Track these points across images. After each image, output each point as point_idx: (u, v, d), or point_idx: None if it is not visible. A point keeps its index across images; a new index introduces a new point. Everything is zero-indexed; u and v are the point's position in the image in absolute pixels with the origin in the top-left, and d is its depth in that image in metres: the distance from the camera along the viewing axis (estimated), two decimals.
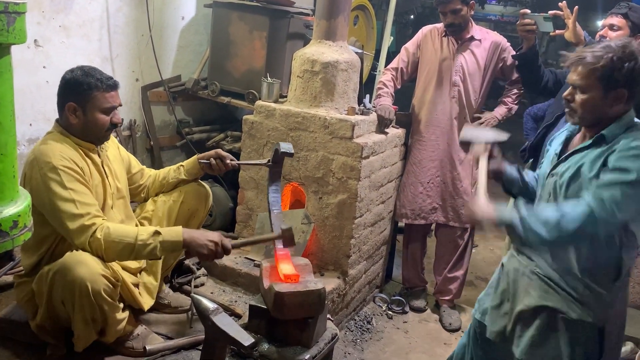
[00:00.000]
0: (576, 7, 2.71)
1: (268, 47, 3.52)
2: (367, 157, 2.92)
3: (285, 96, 3.27)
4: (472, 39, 3.28)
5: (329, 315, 2.30)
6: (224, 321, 1.80)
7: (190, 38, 4.00)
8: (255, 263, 2.98)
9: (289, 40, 3.58)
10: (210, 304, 1.83)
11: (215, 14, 3.69)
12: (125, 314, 2.18)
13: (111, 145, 2.33)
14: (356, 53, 3.19)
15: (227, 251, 2.07)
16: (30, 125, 3.07)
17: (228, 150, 3.69)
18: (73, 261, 1.92)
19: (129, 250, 1.98)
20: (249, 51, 3.59)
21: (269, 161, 2.46)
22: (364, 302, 3.44)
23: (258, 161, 2.63)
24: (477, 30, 3.32)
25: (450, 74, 3.29)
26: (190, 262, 2.94)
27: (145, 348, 2.21)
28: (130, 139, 3.71)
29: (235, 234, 3.27)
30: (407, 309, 3.55)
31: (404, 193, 3.47)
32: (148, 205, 2.52)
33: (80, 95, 2.07)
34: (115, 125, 2.16)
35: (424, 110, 3.40)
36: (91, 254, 1.97)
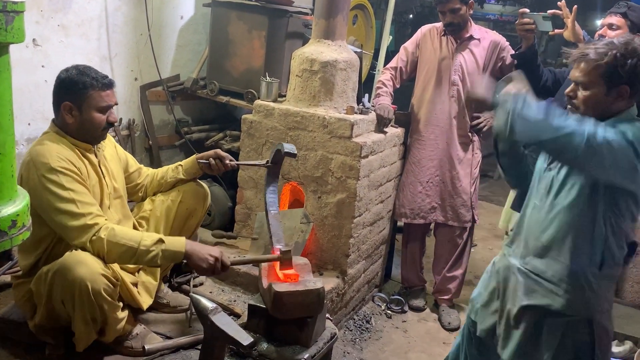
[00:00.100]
0: (575, 7, 2.71)
1: (267, 47, 3.51)
2: (366, 157, 2.91)
3: (284, 95, 3.26)
4: (471, 38, 3.28)
5: (328, 315, 2.30)
6: (223, 320, 1.79)
7: (189, 37, 3.99)
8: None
9: (288, 40, 3.58)
10: (209, 304, 1.82)
11: (214, 13, 3.69)
12: (125, 313, 2.17)
13: (108, 144, 2.33)
14: (355, 52, 3.19)
15: (226, 268, 2.09)
16: (28, 124, 3.07)
17: (227, 149, 3.68)
18: (73, 261, 1.91)
19: (131, 254, 1.98)
20: (247, 50, 3.59)
21: (267, 162, 2.46)
22: (363, 302, 3.44)
23: (257, 162, 2.64)
24: (476, 30, 3.32)
25: (449, 73, 3.29)
26: (188, 268, 2.93)
27: (144, 347, 2.21)
28: (129, 139, 3.70)
29: (234, 233, 3.27)
30: (406, 308, 3.55)
31: (403, 192, 3.47)
32: (146, 205, 2.52)
33: (76, 95, 2.06)
34: (111, 124, 2.16)
35: (423, 110, 3.40)
36: (91, 254, 1.96)
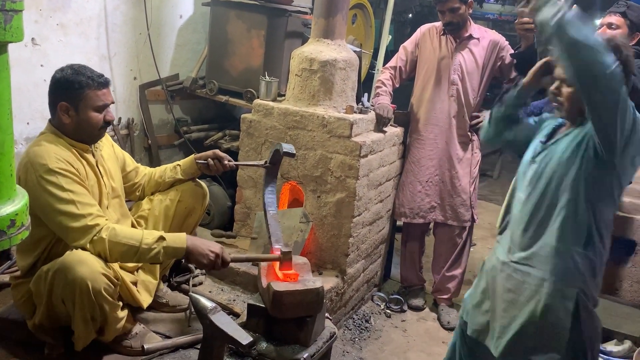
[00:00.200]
0: (575, 6, 2.70)
1: (266, 46, 3.51)
2: (366, 156, 2.91)
3: (284, 95, 3.26)
4: (471, 37, 3.28)
5: (327, 314, 2.30)
6: (222, 320, 1.79)
7: (188, 36, 3.99)
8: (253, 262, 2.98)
9: (287, 39, 3.58)
10: (208, 303, 1.82)
11: (213, 12, 3.68)
12: (125, 312, 2.17)
13: (105, 143, 2.32)
14: (354, 52, 3.18)
15: (226, 264, 2.09)
16: (27, 124, 3.06)
17: (226, 148, 3.68)
18: (73, 260, 1.91)
19: (133, 253, 1.98)
20: (247, 50, 3.58)
21: (266, 162, 2.47)
22: (362, 301, 3.44)
23: (255, 162, 2.64)
24: (476, 29, 3.31)
25: (448, 73, 3.29)
26: (189, 264, 2.94)
27: (143, 347, 2.21)
28: (128, 138, 3.70)
29: (233, 232, 3.27)
30: (406, 307, 3.55)
31: (402, 192, 3.47)
32: (144, 204, 2.52)
33: (72, 95, 2.05)
34: (108, 123, 2.15)
35: (423, 109, 3.39)
36: (92, 254, 1.96)
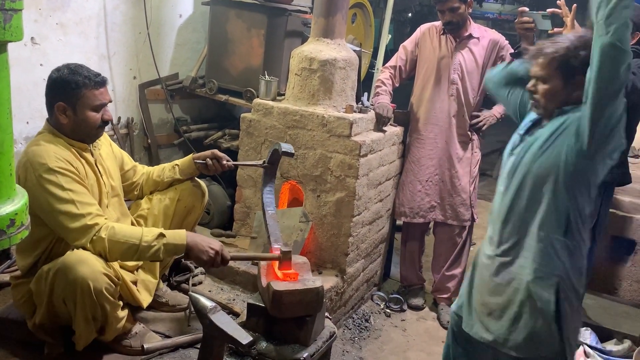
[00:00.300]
0: (574, 5, 2.70)
1: (266, 45, 3.51)
2: (365, 155, 2.91)
3: (283, 94, 3.26)
4: (471, 37, 3.27)
5: (327, 314, 2.30)
6: (222, 319, 1.79)
7: (188, 36, 3.98)
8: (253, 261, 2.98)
9: (287, 38, 3.58)
10: (208, 302, 1.82)
11: (213, 11, 3.68)
12: (125, 312, 2.17)
13: (104, 142, 2.31)
14: (354, 51, 3.18)
15: (225, 262, 2.09)
16: (27, 123, 3.06)
17: (226, 148, 3.68)
18: (74, 260, 1.91)
19: (133, 251, 1.98)
20: (246, 49, 3.58)
21: (264, 162, 2.47)
22: (362, 301, 3.44)
23: (254, 162, 2.65)
24: (476, 28, 3.31)
25: (448, 72, 3.29)
26: (189, 261, 2.93)
27: (143, 346, 2.21)
28: (127, 137, 3.69)
29: (233, 232, 3.27)
30: (405, 307, 3.55)
31: (402, 191, 3.47)
32: (143, 204, 2.51)
33: (69, 95, 2.04)
34: (106, 122, 2.14)
35: (423, 109, 3.39)
36: (92, 253, 1.96)
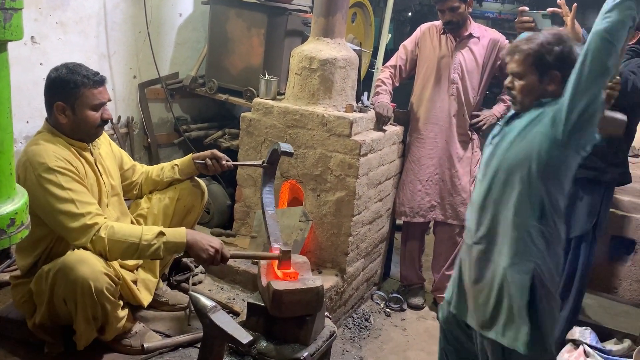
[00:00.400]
0: (575, 5, 2.70)
1: (266, 45, 3.51)
2: (365, 155, 2.91)
3: (283, 93, 3.26)
4: (471, 36, 3.27)
5: (327, 313, 2.30)
6: (222, 319, 1.79)
7: (188, 35, 3.98)
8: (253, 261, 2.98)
9: (287, 38, 3.58)
10: (208, 302, 1.82)
11: (213, 10, 3.68)
12: (125, 311, 2.17)
13: (103, 141, 2.31)
14: (354, 50, 3.18)
15: (225, 260, 2.09)
16: (27, 122, 3.06)
17: (226, 147, 3.68)
18: (75, 260, 1.91)
19: (133, 250, 1.98)
20: (246, 48, 3.58)
21: (263, 162, 2.47)
22: (362, 300, 3.44)
23: (253, 162, 2.66)
24: (476, 28, 3.31)
25: (448, 72, 3.29)
26: (188, 260, 2.94)
27: (143, 346, 2.21)
28: (127, 136, 3.69)
29: (232, 231, 3.26)
30: (405, 306, 3.55)
31: (402, 191, 3.47)
32: (143, 203, 2.51)
33: (68, 94, 2.04)
34: (105, 121, 2.14)
35: (423, 108, 3.39)
36: (92, 253, 1.96)
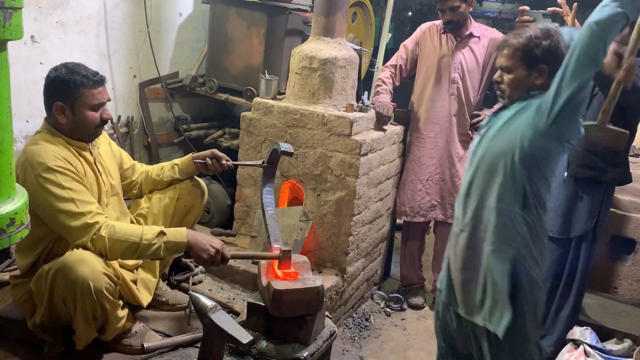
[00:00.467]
0: (575, 4, 2.70)
1: (266, 44, 3.51)
2: (366, 154, 2.91)
3: (284, 93, 3.26)
4: (471, 36, 3.27)
5: (327, 313, 2.30)
6: (222, 319, 1.79)
7: (188, 34, 3.98)
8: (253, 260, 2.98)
9: (287, 37, 3.57)
10: (208, 302, 1.82)
11: (213, 10, 3.68)
12: (125, 311, 2.17)
13: (102, 141, 2.31)
14: (354, 50, 3.18)
15: (226, 260, 2.09)
16: (27, 121, 3.06)
17: (226, 147, 3.68)
18: (74, 260, 1.91)
19: (134, 250, 1.98)
20: (246, 48, 3.58)
21: (263, 162, 2.47)
22: (362, 300, 3.44)
23: (253, 162, 2.66)
24: (476, 27, 3.31)
25: (449, 71, 3.29)
26: (188, 260, 2.94)
27: (143, 345, 2.21)
28: (127, 136, 3.69)
29: (233, 231, 3.26)
30: (405, 306, 3.55)
31: (403, 190, 3.47)
32: (143, 203, 2.51)
33: (67, 94, 2.03)
34: (105, 121, 2.13)
35: (423, 108, 3.39)
36: (93, 253, 1.95)
